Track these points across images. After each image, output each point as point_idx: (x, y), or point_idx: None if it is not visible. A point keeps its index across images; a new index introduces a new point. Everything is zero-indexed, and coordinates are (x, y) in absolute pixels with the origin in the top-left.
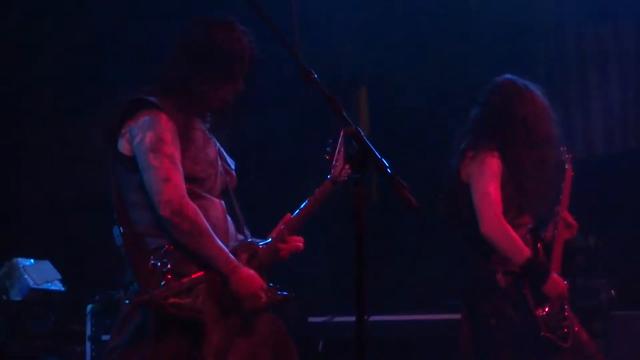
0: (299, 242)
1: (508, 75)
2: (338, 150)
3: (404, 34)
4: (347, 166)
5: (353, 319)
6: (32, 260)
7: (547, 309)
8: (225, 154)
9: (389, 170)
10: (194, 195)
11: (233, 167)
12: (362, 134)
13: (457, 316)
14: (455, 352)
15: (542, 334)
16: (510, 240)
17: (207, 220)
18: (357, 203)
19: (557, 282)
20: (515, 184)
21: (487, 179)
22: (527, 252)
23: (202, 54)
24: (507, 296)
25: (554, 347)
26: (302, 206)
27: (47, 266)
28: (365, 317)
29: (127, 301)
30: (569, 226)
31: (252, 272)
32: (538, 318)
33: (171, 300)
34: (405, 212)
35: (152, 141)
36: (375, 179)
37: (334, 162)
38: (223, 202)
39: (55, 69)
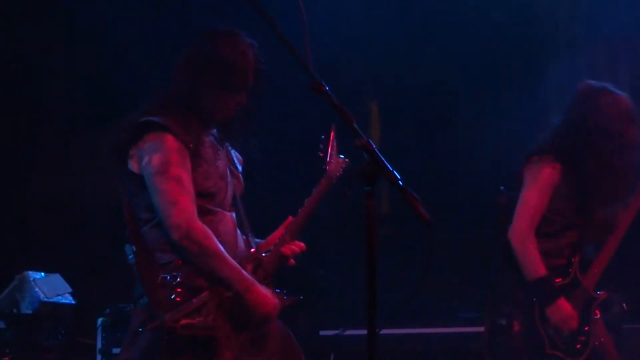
0: (299, 247)
1: (587, 81)
2: (331, 146)
3: (415, 46)
4: (340, 160)
5: (364, 332)
6: (42, 274)
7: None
8: (233, 155)
9: (400, 183)
10: (204, 211)
11: (240, 167)
12: (374, 146)
13: (469, 329)
14: None
15: (547, 351)
16: (528, 253)
17: (217, 236)
18: (368, 216)
19: (561, 309)
20: (577, 199)
21: (534, 188)
22: (541, 270)
23: (206, 67)
24: (519, 304)
25: None
26: (300, 208)
27: (57, 279)
28: (377, 331)
29: (140, 329)
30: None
31: (265, 291)
32: (542, 334)
33: (183, 322)
34: (418, 225)
35: (159, 164)
36: (387, 190)
37: (327, 158)
38: (234, 215)
39: (67, 81)
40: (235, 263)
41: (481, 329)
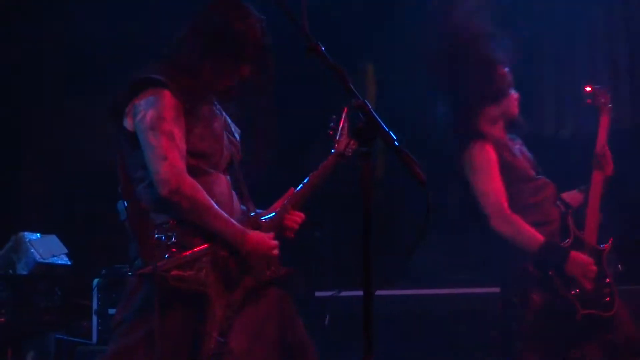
0: (300, 217)
1: None
2: (342, 126)
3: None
4: (352, 141)
5: (360, 293)
6: (38, 235)
7: (578, 289)
8: (231, 123)
9: (396, 144)
10: (198, 172)
11: (238, 137)
12: (370, 106)
13: (463, 290)
14: (460, 325)
15: (581, 312)
16: (518, 230)
17: (212, 196)
18: (364, 177)
19: (577, 260)
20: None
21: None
22: (539, 237)
23: (214, 37)
24: (534, 279)
25: (599, 322)
26: (305, 181)
27: (53, 240)
28: (373, 292)
29: (130, 274)
30: (603, 166)
31: (261, 234)
32: (571, 298)
33: (174, 272)
34: (413, 186)
35: (153, 119)
36: (383, 153)
37: (337, 137)
38: (228, 177)
39: (57, 42)
40: (227, 215)
41: (476, 290)
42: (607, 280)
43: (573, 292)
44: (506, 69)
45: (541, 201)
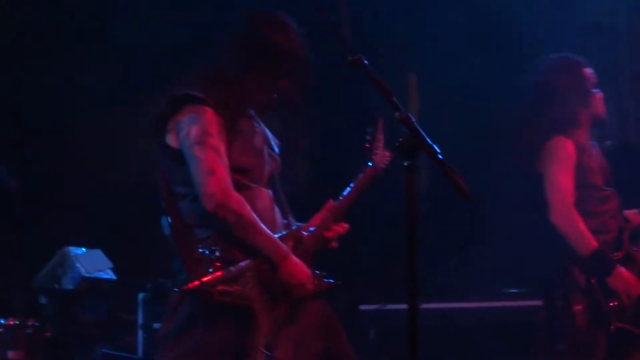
0: (343, 228)
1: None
2: (378, 138)
3: (455, 19)
4: (387, 153)
5: (404, 307)
6: (83, 249)
7: (617, 301)
8: (270, 137)
9: (440, 157)
10: (241, 186)
11: (277, 150)
12: (413, 119)
13: (510, 303)
14: (507, 339)
15: (614, 324)
16: (576, 230)
17: (254, 210)
18: (409, 190)
19: (622, 275)
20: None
21: (558, 167)
22: (593, 243)
23: (253, 51)
24: (577, 284)
25: (632, 338)
26: (344, 193)
27: (98, 255)
28: (418, 305)
29: (175, 289)
30: None
31: (299, 261)
32: (608, 309)
33: (219, 287)
34: (457, 199)
35: (198, 134)
36: (426, 166)
37: (374, 149)
38: (270, 192)
39: (102, 59)
40: (271, 234)
41: (524, 303)
42: None
43: (612, 303)
44: (590, 70)
45: (603, 212)
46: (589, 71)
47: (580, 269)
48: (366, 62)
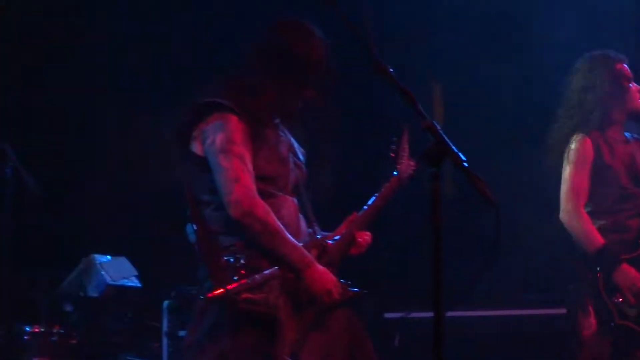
0: (367, 237)
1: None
2: (402, 147)
3: (478, 29)
4: (412, 162)
5: (429, 314)
6: (108, 257)
7: (622, 298)
8: (296, 145)
9: (465, 164)
10: (266, 194)
11: (302, 158)
12: (438, 127)
13: (535, 311)
14: (531, 347)
15: (616, 322)
16: (582, 229)
17: (279, 218)
18: (433, 198)
19: (626, 273)
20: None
21: (572, 165)
22: (599, 240)
23: (278, 60)
24: (586, 281)
25: (634, 334)
26: (369, 203)
27: (123, 262)
28: (443, 313)
29: (201, 297)
30: None
31: (324, 268)
32: (610, 305)
33: (244, 295)
34: (483, 207)
35: (223, 142)
36: (452, 173)
37: (399, 159)
38: (295, 199)
39: (128, 68)
40: (296, 242)
41: (548, 311)
42: None
43: (615, 300)
44: (625, 64)
45: (622, 210)
46: (623, 66)
47: (587, 265)
48: (391, 70)
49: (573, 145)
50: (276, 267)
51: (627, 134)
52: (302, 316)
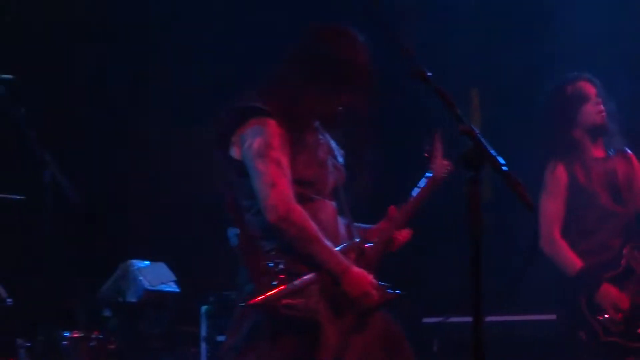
0: (406, 234)
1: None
2: (436, 147)
3: (516, 33)
4: (445, 162)
5: (468, 319)
6: (147, 262)
7: (608, 314)
8: (335, 148)
9: (504, 168)
10: (304, 198)
11: (341, 160)
12: (476, 131)
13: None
14: (570, 351)
15: (601, 339)
16: (559, 255)
17: (317, 222)
18: (471, 202)
19: (607, 293)
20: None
21: (544, 192)
22: (577, 264)
23: (319, 64)
24: (566, 303)
25: (621, 350)
26: (404, 204)
27: (161, 268)
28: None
29: (241, 305)
30: None
31: (362, 271)
32: (595, 324)
33: (284, 301)
34: (521, 211)
35: (260, 147)
36: (490, 177)
37: (432, 159)
38: (334, 203)
39: (164, 73)
40: (333, 247)
41: None
42: None
43: (600, 317)
44: (580, 83)
45: (602, 229)
46: (576, 86)
47: (568, 288)
48: (429, 74)
49: (546, 172)
50: (315, 272)
51: (611, 150)
52: (342, 320)
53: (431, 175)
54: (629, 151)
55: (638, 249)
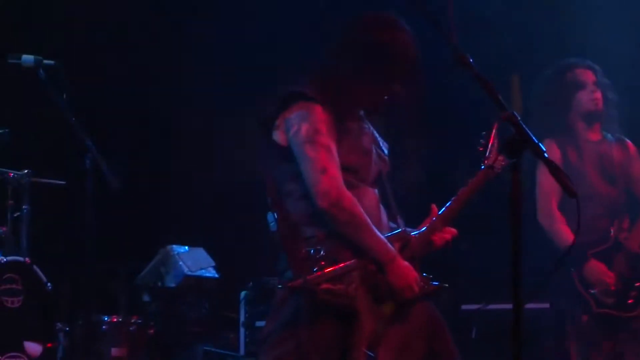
0: (452, 233)
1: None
2: (492, 142)
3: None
4: (500, 157)
5: (506, 306)
6: (186, 248)
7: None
8: (379, 138)
9: (546, 155)
10: (347, 185)
11: (386, 152)
12: (518, 117)
13: None
14: None
15: (594, 310)
16: (554, 230)
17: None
18: (513, 189)
19: (593, 269)
20: None
21: (541, 169)
22: (568, 239)
23: (367, 52)
24: (557, 282)
25: (614, 320)
26: (454, 197)
27: (201, 253)
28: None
29: (279, 286)
30: None
31: (407, 263)
32: (587, 297)
33: (324, 286)
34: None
35: (309, 132)
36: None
37: (487, 153)
38: (376, 191)
39: (206, 58)
40: (380, 234)
41: None
42: (638, 284)
43: (591, 291)
44: (578, 70)
45: (587, 208)
46: (575, 73)
47: (561, 261)
48: (471, 60)
49: None
50: (357, 259)
51: (609, 135)
52: (381, 309)
53: (483, 168)
54: (628, 140)
55: (625, 227)
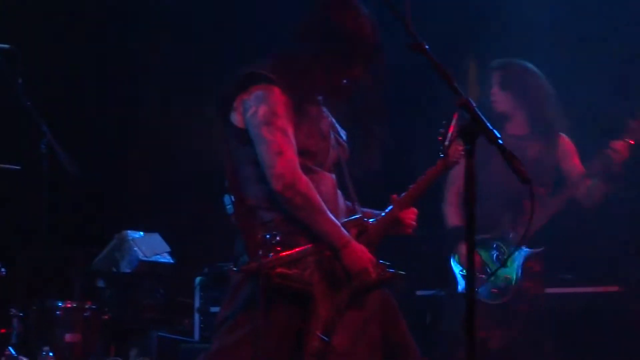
0: (412, 215)
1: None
2: (452, 132)
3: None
4: (459, 147)
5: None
6: (141, 233)
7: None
8: (337, 125)
9: (500, 142)
10: (305, 169)
11: (344, 138)
12: (473, 104)
13: (569, 290)
14: (563, 326)
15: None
16: (443, 211)
17: (318, 194)
18: (467, 175)
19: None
20: None
21: None
22: (454, 221)
23: (326, 36)
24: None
25: (503, 311)
26: (412, 185)
27: (156, 239)
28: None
29: (234, 269)
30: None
31: (362, 247)
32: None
33: (279, 270)
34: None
35: (266, 114)
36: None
37: (446, 143)
38: (334, 176)
39: (166, 44)
40: (335, 219)
41: (575, 289)
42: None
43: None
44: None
45: (489, 201)
46: (490, 75)
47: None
48: (427, 47)
49: None
50: (313, 244)
51: (536, 132)
52: (337, 295)
53: (443, 157)
54: (565, 137)
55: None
